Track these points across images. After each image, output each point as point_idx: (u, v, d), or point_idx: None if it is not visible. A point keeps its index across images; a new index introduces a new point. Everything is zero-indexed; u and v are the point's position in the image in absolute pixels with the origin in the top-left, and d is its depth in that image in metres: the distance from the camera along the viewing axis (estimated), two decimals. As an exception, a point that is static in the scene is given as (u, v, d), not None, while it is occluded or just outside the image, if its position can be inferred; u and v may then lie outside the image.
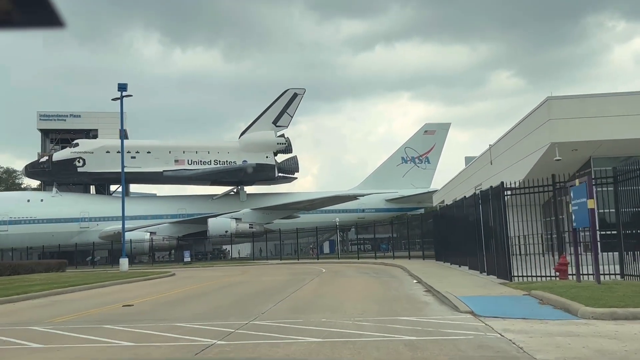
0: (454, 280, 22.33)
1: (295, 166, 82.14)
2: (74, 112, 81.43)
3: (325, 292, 20.74)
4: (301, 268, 40.36)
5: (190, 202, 78.76)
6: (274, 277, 31.00)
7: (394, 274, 30.15)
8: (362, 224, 52.44)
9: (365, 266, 39.52)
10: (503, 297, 16.33)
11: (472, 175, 44.51)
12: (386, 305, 16.25)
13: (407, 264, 35.05)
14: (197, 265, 56.30)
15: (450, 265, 32.03)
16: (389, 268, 35.95)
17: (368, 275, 29.15)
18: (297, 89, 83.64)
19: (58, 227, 74.77)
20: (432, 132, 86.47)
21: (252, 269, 42.35)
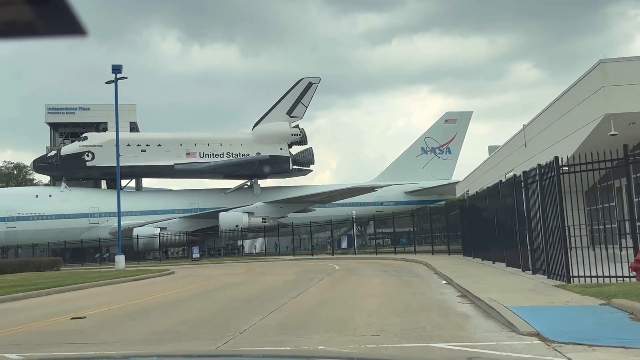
0: (492, 280, 17.75)
1: (311, 158, 77.69)
2: (83, 105, 77.58)
3: (332, 298, 16.21)
4: (313, 265, 35.96)
5: (203, 196, 74.58)
6: (279, 276, 26.57)
7: (417, 271, 25.61)
8: (381, 217, 47.73)
9: (384, 262, 35.00)
10: (572, 307, 11.66)
11: (500, 162, 39.75)
12: (411, 318, 11.71)
13: (431, 260, 30.48)
14: (206, 261, 52.12)
15: (481, 261, 27.39)
16: (410, 265, 31.39)
17: (387, 274, 24.58)
18: (312, 78, 79.19)
19: (67, 223, 71.02)
20: (453, 121, 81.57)
21: (260, 266, 38.00)
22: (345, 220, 58.65)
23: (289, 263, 40.88)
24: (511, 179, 21.08)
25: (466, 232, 32.25)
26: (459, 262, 27.94)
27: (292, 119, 77.43)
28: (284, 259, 47.73)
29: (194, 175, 76.04)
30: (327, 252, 55.16)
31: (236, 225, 63.78)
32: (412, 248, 43.09)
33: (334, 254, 48.02)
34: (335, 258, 43.61)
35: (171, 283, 26.04)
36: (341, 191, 63.89)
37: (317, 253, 52.62)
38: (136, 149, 73.58)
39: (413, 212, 41.80)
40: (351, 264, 34.30)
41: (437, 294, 16.50)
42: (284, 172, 75.43)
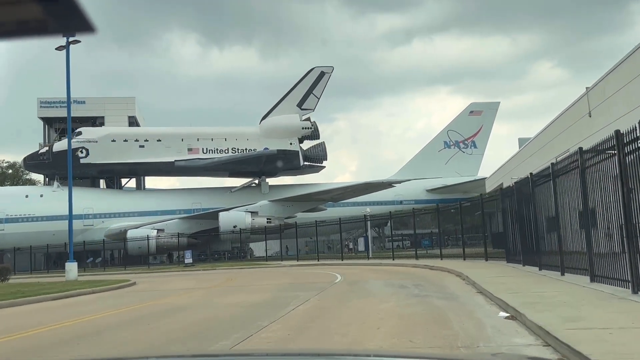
0: (603, 317, 9.02)
1: (323, 153, 69.17)
2: (78, 98, 69.49)
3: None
4: (311, 274, 27.39)
5: (206, 196, 66.35)
6: (251, 294, 17.94)
7: (450, 287, 16.83)
8: (397, 215, 38.70)
9: (403, 271, 26.28)
10: None
11: (548, 143, 30.95)
12: None
13: (464, 268, 21.73)
14: (198, 268, 43.66)
15: (539, 271, 18.55)
16: (437, 275, 22.57)
17: (405, 293, 15.66)
18: (325, 67, 70.72)
19: (59, 225, 63.01)
20: (478, 113, 72.54)
21: (245, 277, 29.35)
22: (360, 221, 49.93)
23: (283, 271, 32.20)
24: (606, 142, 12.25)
25: (512, 231, 23.40)
26: (506, 273, 19.14)
27: (303, 111, 69.14)
28: (284, 264, 39.11)
29: (196, 172, 67.89)
30: (338, 256, 46.35)
31: (234, 226, 55.42)
32: (436, 251, 34.16)
33: (343, 258, 39.32)
34: (344, 264, 34.97)
35: (97, 305, 17.61)
36: (354, 187, 55.17)
37: (326, 257, 43.90)
38: (134, 145, 65.69)
39: (438, 207, 32.90)
40: (360, 273, 25.60)
41: (501, 343, 7.86)
42: (294, 168, 67.04)
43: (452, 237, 39.48)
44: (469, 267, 22.40)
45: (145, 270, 47.05)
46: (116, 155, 64.69)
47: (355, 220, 39.06)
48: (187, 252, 48.94)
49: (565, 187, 15.54)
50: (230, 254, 65.06)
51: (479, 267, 22.90)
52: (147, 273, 41.27)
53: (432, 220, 44.96)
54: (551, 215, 17.61)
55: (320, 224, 41.86)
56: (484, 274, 18.64)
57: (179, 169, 65.87)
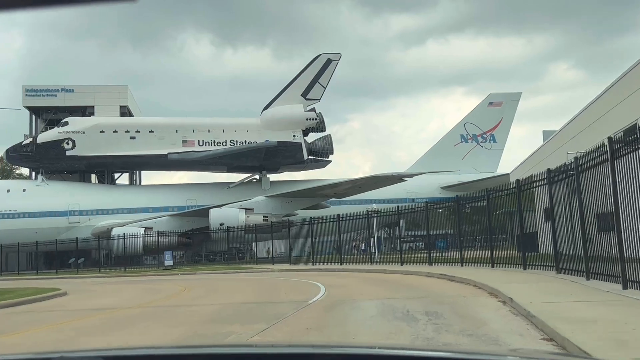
0: None
1: (329, 147, 61.98)
2: (66, 86, 63.14)
3: None
4: (288, 285, 20.19)
5: (202, 192, 59.41)
6: (161, 327, 10.88)
7: (488, 323, 9.56)
8: (406, 211, 30.46)
9: (411, 282, 18.90)
10: None
11: (602, 116, 23.64)
12: None
13: (500, 283, 14.50)
14: (174, 271, 36.59)
15: (623, 290, 11.38)
16: (460, 291, 15.18)
17: (410, 333, 8.60)
18: (332, 54, 63.49)
19: (42, 222, 56.56)
20: (498, 104, 65.00)
21: (206, 286, 22.20)
22: (362, 217, 42.61)
23: (260, 280, 24.74)
24: None
25: (566, 229, 16.11)
26: (575, 292, 11.91)
27: (308, 101, 61.99)
28: (274, 269, 31.84)
29: (190, 166, 61.06)
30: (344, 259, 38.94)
31: (221, 224, 48.41)
32: (454, 254, 26.63)
33: (342, 262, 31.91)
34: (341, 270, 27.70)
35: None
36: (360, 181, 47.78)
37: (326, 260, 36.65)
38: (124, 136, 58.89)
39: (458, 200, 25.53)
40: (354, 286, 18.36)
41: None
42: (297, 162, 59.92)
43: (469, 238, 31.88)
44: (506, 281, 15.17)
45: (113, 273, 40.17)
46: (105, 147, 57.97)
47: (356, 216, 31.74)
48: (166, 253, 41.86)
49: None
50: (228, 254, 58.13)
51: (519, 279, 15.66)
52: (104, 278, 34.38)
53: (446, 219, 37.79)
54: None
55: (316, 221, 34.65)
56: (538, 295, 11.46)
57: (173, 162, 59.04)
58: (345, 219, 32.09)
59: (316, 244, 47.40)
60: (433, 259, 26.59)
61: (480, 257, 23.66)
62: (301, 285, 19.66)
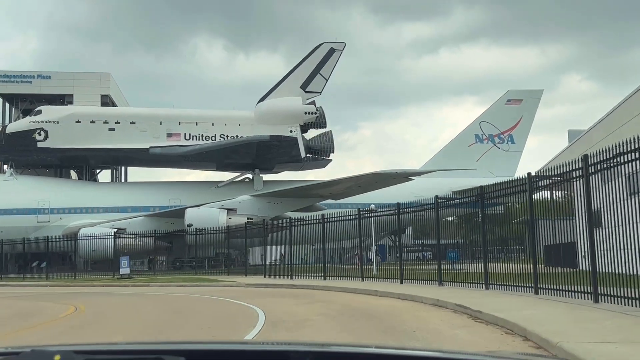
0: None
1: (330, 144, 54.81)
2: (42, 72, 56.40)
3: None
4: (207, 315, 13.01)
5: (187, 191, 52.41)
6: None
7: None
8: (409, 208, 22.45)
9: (406, 327, 11.40)
10: None
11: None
12: None
13: (566, 327, 7.34)
14: (127, 281, 29.42)
15: None
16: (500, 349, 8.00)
17: None
18: (335, 42, 56.48)
19: (8, 220, 49.69)
20: (517, 102, 57.53)
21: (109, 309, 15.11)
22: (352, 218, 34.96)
23: (199, 300, 17.41)
24: None
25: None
26: None
27: (308, 94, 54.97)
28: (240, 283, 24.58)
29: (175, 162, 54.01)
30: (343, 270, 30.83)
31: (188, 225, 41.22)
32: (467, 268, 18.97)
33: (325, 277, 24.24)
34: (320, 288, 20.29)
35: None
36: (359, 179, 40.29)
37: (313, 272, 28.89)
38: (102, 127, 52.00)
39: (483, 190, 17.96)
40: (307, 325, 11.11)
41: None
42: (293, 161, 52.80)
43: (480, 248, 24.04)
44: (573, 319, 7.90)
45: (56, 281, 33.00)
46: (80, 139, 51.11)
47: (345, 217, 24.28)
48: (122, 258, 34.54)
49: None
50: (214, 260, 51.02)
51: (612, 326, 8.35)
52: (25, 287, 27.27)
53: (456, 228, 30.42)
54: None
55: (296, 222, 27.22)
56: None
57: (154, 157, 52.09)
58: (331, 220, 24.67)
59: (317, 252, 39.93)
60: (443, 276, 19.20)
61: (506, 273, 16.15)
62: (234, 316, 12.48)
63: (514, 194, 16.42)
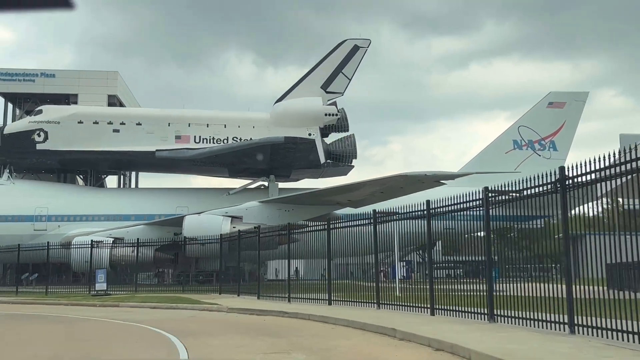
0: None
1: (352, 149, 49.20)
2: (46, 71, 52.00)
3: None
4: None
5: (196, 198, 47.22)
6: None
7: None
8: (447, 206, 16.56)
9: None
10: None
11: None
12: None
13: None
14: (94, 300, 24.08)
15: None
16: None
17: None
18: (359, 39, 51.14)
19: (3, 228, 45.07)
20: (560, 105, 51.24)
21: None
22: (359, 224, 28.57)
23: (135, 331, 12.04)
24: None
25: None
26: None
27: (329, 95, 49.61)
28: (221, 306, 18.90)
29: (183, 167, 48.87)
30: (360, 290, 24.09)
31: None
32: (509, 289, 12.87)
33: (332, 299, 18.22)
34: (319, 320, 14.56)
35: None
36: (382, 182, 34.29)
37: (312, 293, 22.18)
38: (106, 128, 47.22)
39: (565, 171, 12.13)
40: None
41: None
42: (311, 166, 47.33)
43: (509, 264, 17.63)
44: None
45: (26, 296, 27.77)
46: (82, 140, 46.44)
47: (358, 219, 18.39)
48: (98, 272, 28.96)
49: None
50: (225, 274, 45.52)
51: None
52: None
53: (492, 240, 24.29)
54: None
55: (265, 232, 21.37)
56: None
57: (161, 161, 47.10)
58: (340, 227, 18.92)
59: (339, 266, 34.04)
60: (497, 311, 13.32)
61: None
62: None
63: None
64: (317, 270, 36.23)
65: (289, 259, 21.23)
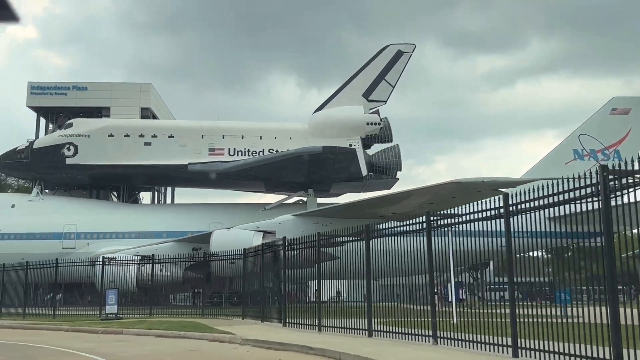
0: None
1: (396, 160, 45.32)
2: (78, 84, 49.90)
3: None
4: None
5: (230, 214, 43.87)
6: None
7: None
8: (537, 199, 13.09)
9: None
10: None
11: None
12: None
13: None
14: (98, 324, 20.79)
15: None
16: None
17: None
18: (403, 44, 47.52)
19: (30, 246, 42.63)
20: (624, 111, 46.38)
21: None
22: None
23: None
24: None
25: None
26: None
27: (371, 103, 46.09)
28: (234, 337, 15.29)
29: (217, 181, 45.62)
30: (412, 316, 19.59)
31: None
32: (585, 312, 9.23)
33: (372, 331, 14.16)
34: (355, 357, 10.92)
35: None
36: (432, 190, 29.93)
37: (349, 319, 17.67)
38: (137, 141, 44.61)
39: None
40: None
41: None
42: (352, 178, 43.65)
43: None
44: None
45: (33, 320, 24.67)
46: (113, 154, 43.95)
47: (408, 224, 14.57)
48: (108, 292, 25.46)
49: None
50: (261, 297, 41.85)
51: None
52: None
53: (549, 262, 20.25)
54: None
55: (293, 244, 17.76)
56: None
57: (193, 175, 44.15)
58: (384, 235, 15.03)
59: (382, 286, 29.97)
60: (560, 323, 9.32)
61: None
62: None
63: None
64: (359, 291, 32.29)
65: (319, 276, 17.48)
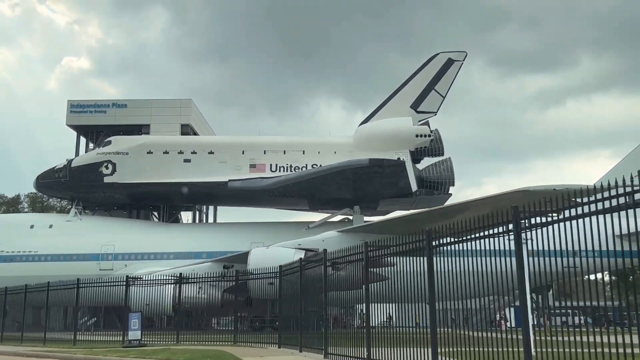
0: None
1: (449, 175, 41.99)
2: (118, 101, 48.57)
3: None
4: None
5: (272, 233, 41.15)
6: None
7: None
8: None
9: None
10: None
11: None
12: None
13: None
14: (116, 353, 18.26)
15: None
16: None
17: None
18: (454, 52, 44.62)
19: (67, 267, 41.04)
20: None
21: None
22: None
23: None
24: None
25: None
26: None
27: (420, 115, 43.19)
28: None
29: (258, 199, 43.24)
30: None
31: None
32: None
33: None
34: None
35: None
36: (495, 200, 26.60)
37: (408, 347, 15.15)
38: (176, 158, 42.71)
39: None
40: None
41: None
42: (401, 194, 40.54)
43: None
44: None
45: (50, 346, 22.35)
46: (152, 171, 42.13)
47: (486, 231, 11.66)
48: (132, 316, 22.88)
49: None
50: (305, 320, 38.95)
51: None
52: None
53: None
54: None
55: (334, 258, 14.93)
56: None
57: (234, 192, 41.86)
58: (449, 242, 12.03)
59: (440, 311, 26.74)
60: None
61: None
62: None
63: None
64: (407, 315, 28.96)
65: (368, 295, 14.55)
